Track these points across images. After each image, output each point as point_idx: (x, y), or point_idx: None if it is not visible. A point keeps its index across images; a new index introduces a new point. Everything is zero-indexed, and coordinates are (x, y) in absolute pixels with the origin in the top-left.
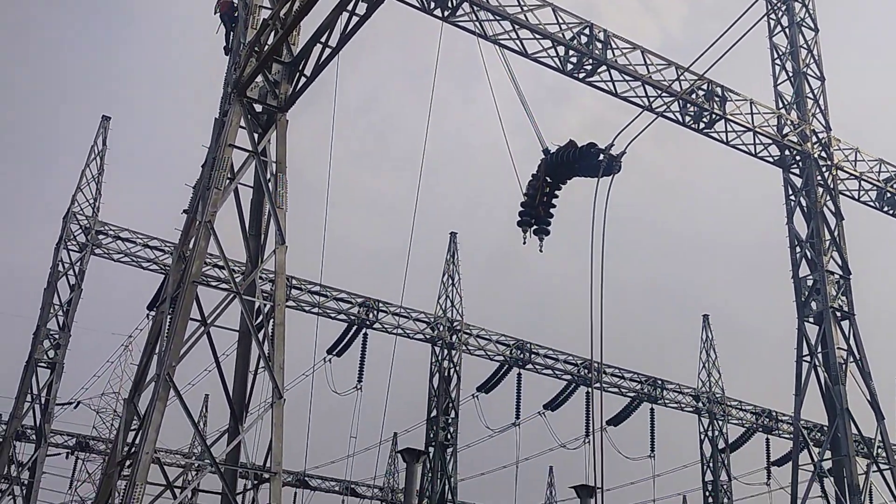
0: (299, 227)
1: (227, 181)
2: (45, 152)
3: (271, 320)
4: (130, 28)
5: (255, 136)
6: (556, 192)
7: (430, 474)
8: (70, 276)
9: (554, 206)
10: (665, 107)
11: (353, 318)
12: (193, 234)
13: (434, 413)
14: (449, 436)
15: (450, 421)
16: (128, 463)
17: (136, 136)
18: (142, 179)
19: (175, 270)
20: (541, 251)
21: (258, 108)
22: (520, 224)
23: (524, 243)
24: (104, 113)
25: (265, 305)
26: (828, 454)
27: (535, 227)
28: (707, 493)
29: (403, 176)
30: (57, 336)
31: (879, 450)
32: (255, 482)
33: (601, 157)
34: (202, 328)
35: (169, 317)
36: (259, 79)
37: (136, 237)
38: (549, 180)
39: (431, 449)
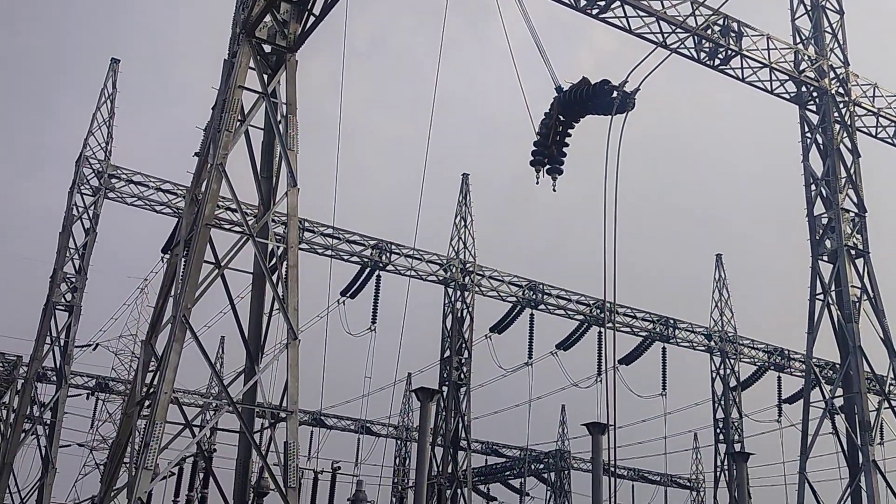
0: (311, 170)
1: (238, 123)
2: (58, 96)
3: (284, 262)
4: None
5: (265, 77)
6: (570, 131)
7: (443, 413)
8: (84, 220)
9: (567, 145)
10: (679, 43)
11: (366, 260)
12: (205, 177)
13: (447, 353)
14: (462, 375)
15: (463, 361)
16: (147, 403)
17: (146, 79)
18: (153, 123)
19: (188, 213)
20: (554, 190)
21: (267, 48)
22: (533, 163)
23: (537, 183)
24: (113, 56)
25: (278, 248)
26: (839, 391)
27: (548, 166)
28: (718, 431)
29: (415, 117)
30: (74, 279)
31: (892, 387)
32: (272, 421)
33: (614, 94)
34: (216, 270)
35: (183, 259)
36: (268, 18)
37: (149, 181)
38: (561, 119)
39: (445, 388)
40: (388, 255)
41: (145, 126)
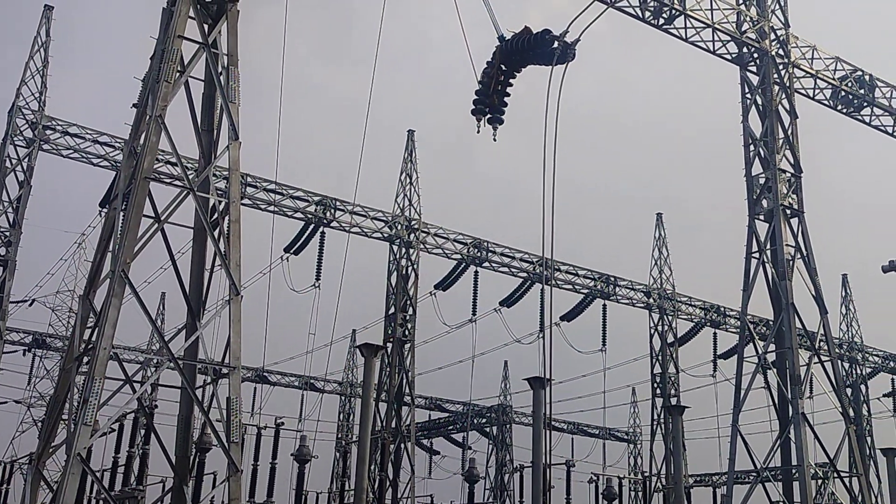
0: (254, 124)
1: (178, 74)
2: None
3: (226, 217)
4: None
5: (206, 27)
6: (511, 81)
7: (388, 369)
8: (18, 173)
9: (508, 95)
10: (625, 0)
11: (310, 216)
12: (144, 129)
13: (392, 310)
14: (407, 332)
15: (408, 318)
16: (85, 359)
17: (81, 26)
18: (89, 73)
19: (126, 166)
20: (494, 140)
21: None
22: (474, 112)
23: (478, 132)
24: (46, 2)
25: (220, 202)
26: (772, 347)
27: (489, 115)
28: (655, 385)
29: (361, 72)
30: (8, 233)
31: (821, 342)
32: (214, 377)
33: (555, 44)
34: (156, 225)
35: (122, 213)
36: None
37: (86, 132)
38: (503, 68)
39: (389, 345)
40: (332, 211)
41: (81, 76)
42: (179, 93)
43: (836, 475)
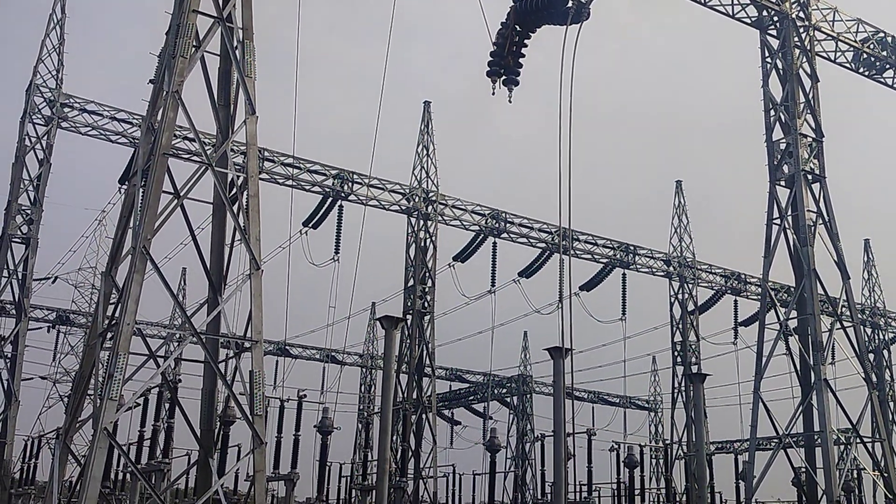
0: (270, 98)
1: (193, 49)
2: (6, 22)
3: (245, 192)
4: None
5: (220, 1)
6: (526, 42)
7: (408, 341)
8: (38, 151)
9: (523, 56)
10: None
11: (327, 190)
12: (161, 105)
13: (411, 283)
14: (426, 304)
15: (426, 290)
16: (109, 335)
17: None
18: (105, 50)
19: (144, 143)
20: (510, 101)
21: None
22: (489, 74)
23: (493, 93)
24: None
25: (238, 177)
26: (793, 314)
27: (504, 77)
28: (676, 353)
29: (376, 43)
30: (29, 211)
31: (843, 308)
32: (237, 350)
33: (570, 3)
34: (175, 201)
35: (141, 190)
36: None
37: (103, 109)
38: (518, 28)
39: (409, 317)
40: (349, 184)
41: (98, 53)
42: (196, 68)
43: (858, 441)
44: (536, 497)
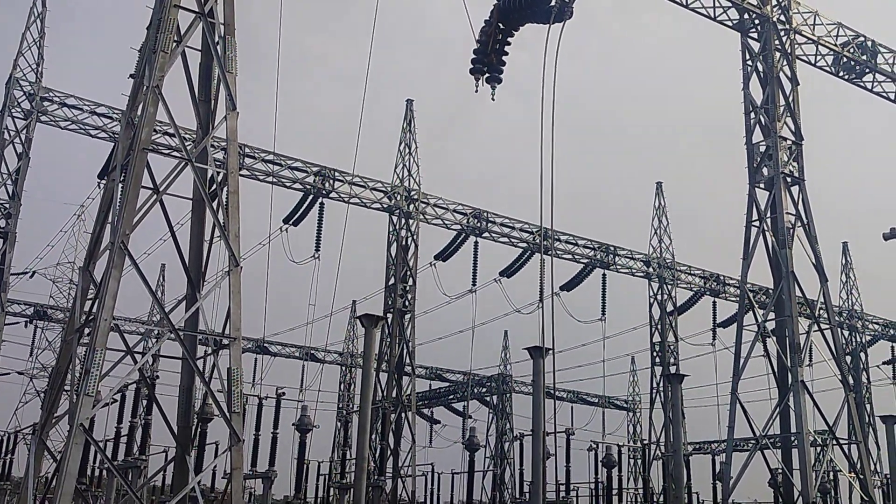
0: (252, 94)
1: (174, 44)
2: None
3: (225, 188)
4: None
5: None
6: (509, 40)
7: (388, 339)
8: (17, 145)
9: (506, 54)
10: None
11: (308, 187)
12: (141, 100)
13: (392, 281)
14: (407, 302)
15: (408, 288)
16: (87, 331)
17: None
18: (86, 43)
19: (124, 137)
20: (493, 99)
21: None
22: (472, 71)
23: (476, 91)
24: None
25: (218, 173)
26: (771, 315)
27: (487, 74)
28: (654, 354)
29: (359, 41)
30: (7, 205)
31: (821, 310)
32: (215, 347)
33: (553, 1)
34: (154, 196)
35: (120, 185)
36: None
37: (83, 104)
38: (501, 27)
39: (390, 315)
40: (331, 182)
41: (78, 47)
42: (177, 63)
43: (835, 442)
44: (515, 496)
